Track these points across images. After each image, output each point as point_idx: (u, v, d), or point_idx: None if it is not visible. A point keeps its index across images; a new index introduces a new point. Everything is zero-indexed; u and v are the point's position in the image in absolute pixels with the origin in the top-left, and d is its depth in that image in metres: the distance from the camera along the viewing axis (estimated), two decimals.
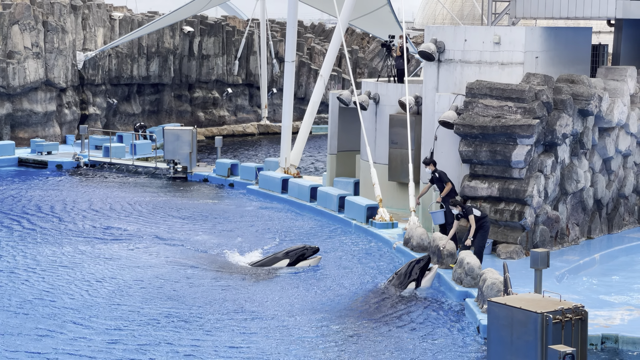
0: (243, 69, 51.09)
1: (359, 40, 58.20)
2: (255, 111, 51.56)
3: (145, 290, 19.69)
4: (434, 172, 22.85)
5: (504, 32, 23.41)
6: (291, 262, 21.73)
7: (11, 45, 39.73)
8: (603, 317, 17.28)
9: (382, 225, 25.30)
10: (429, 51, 24.04)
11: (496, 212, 22.04)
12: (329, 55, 31.76)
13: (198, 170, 34.93)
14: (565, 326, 13.61)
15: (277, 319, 17.97)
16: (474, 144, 22.40)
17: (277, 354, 16.05)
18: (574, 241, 23.30)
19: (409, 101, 26.34)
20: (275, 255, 22.15)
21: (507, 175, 22.11)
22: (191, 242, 24.18)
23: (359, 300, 19.34)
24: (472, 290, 18.93)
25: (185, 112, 48.64)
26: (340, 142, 30.55)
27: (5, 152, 36.97)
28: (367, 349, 16.43)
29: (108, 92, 45.04)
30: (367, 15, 42.36)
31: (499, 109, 22.27)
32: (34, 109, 40.38)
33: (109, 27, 45.29)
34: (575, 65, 24.48)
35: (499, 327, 14.08)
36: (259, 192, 31.33)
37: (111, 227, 25.91)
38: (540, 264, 16.07)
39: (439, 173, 22.79)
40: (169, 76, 47.64)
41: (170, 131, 35.21)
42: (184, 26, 48.08)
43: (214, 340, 16.68)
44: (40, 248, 23.34)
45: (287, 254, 21.96)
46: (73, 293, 19.45)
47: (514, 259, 21.37)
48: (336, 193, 27.96)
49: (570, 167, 23.02)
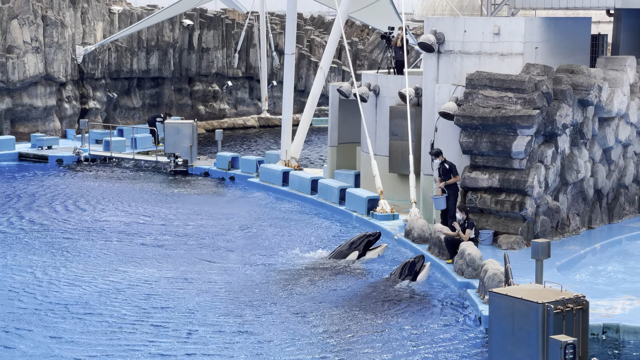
0: (243, 61, 51.05)
1: (359, 32, 58.15)
2: (256, 104, 51.53)
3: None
4: (443, 163, 22.74)
5: (503, 23, 23.40)
6: (361, 253, 21.69)
7: (10, 40, 39.71)
8: (604, 307, 17.31)
9: (383, 217, 25.32)
10: (429, 42, 24.03)
11: (497, 203, 22.05)
12: (328, 48, 31.74)
13: (199, 163, 34.93)
14: (567, 316, 13.64)
15: (281, 309, 18.01)
16: (474, 135, 22.40)
17: (281, 347, 16.10)
18: (575, 231, 23.32)
19: (409, 93, 26.33)
20: (341, 249, 21.99)
21: (508, 166, 22.12)
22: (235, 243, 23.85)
23: (359, 292, 19.37)
24: (474, 281, 18.96)
25: (185, 106, 48.63)
26: (341, 134, 30.55)
27: (5, 147, 36.97)
28: (368, 341, 16.46)
29: (108, 86, 45.02)
30: (367, 7, 42.34)
31: (499, 99, 22.27)
32: (34, 104, 40.36)
33: (109, 20, 45.25)
34: (575, 55, 24.47)
35: (501, 318, 14.11)
36: (259, 185, 31.35)
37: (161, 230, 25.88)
38: (541, 254, 16.09)
39: (448, 164, 22.65)
40: (169, 70, 47.62)
41: (170, 125, 35.21)
42: (184, 19, 48.02)
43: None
44: (61, 251, 23.37)
45: (352, 245, 21.87)
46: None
47: (514, 249, 21.39)
48: (337, 185, 27.98)
49: (570, 157, 23.03)
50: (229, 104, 50.65)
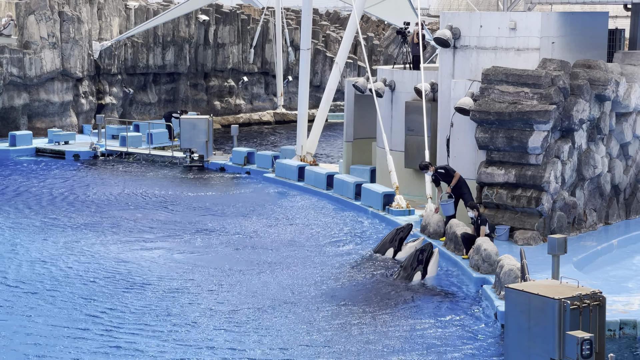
0: (259, 57, 51.07)
1: (375, 28, 58.07)
2: (271, 99, 51.54)
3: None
4: (435, 173, 22.91)
5: (519, 18, 23.32)
6: (396, 249, 21.52)
7: (27, 36, 39.86)
8: (621, 303, 17.24)
9: (399, 213, 25.30)
10: (445, 38, 23.97)
11: (513, 199, 21.99)
12: (344, 43, 31.71)
13: (214, 159, 34.99)
14: (583, 312, 13.59)
15: (289, 303, 18.03)
16: (490, 130, 22.34)
17: (292, 342, 16.12)
18: (592, 227, 23.24)
19: (425, 88, 26.29)
20: (378, 249, 21.82)
21: (524, 161, 22.05)
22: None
23: (374, 287, 19.37)
24: (490, 277, 18.93)
25: (201, 101, 48.69)
26: (357, 130, 30.53)
27: (23, 142, 37.12)
28: (383, 337, 16.45)
29: (124, 81, 45.13)
30: (383, 2, 42.28)
31: (515, 95, 22.19)
32: (51, 99, 40.50)
33: (125, 16, 45.35)
34: (592, 50, 24.37)
35: (517, 314, 14.08)
36: (275, 180, 31.38)
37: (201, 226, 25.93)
38: (558, 249, 16.02)
39: (439, 170, 22.84)
40: (185, 65, 47.69)
41: (186, 120, 35.28)
42: (199, 15, 48.08)
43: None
44: (82, 239, 23.47)
45: (386, 244, 21.67)
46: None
47: (531, 245, 21.34)
48: (352, 180, 27.96)
49: (587, 152, 22.94)
50: (245, 99, 50.68)
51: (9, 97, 39.52)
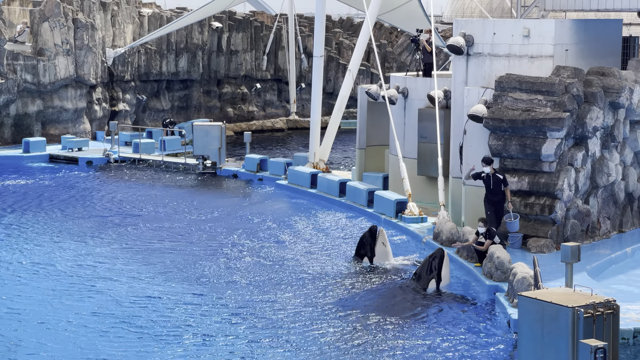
0: (271, 64, 51.15)
1: (388, 35, 58.05)
2: (284, 106, 51.59)
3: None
4: (494, 173, 21.57)
5: (533, 25, 23.26)
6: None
7: (41, 43, 40.02)
8: (635, 311, 17.15)
9: (412, 220, 25.25)
10: (458, 45, 23.93)
11: (526, 206, 21.92)
12: (357, 50, 31.68)
13: (227, 165, 35.02)
14: (597, 320, 13.53)
15: (300, 313, 18.03)
16: (504, 137, 22.29)
17: (303, 349, 16.10)
18: (605, 235, 23.14)
19: (438, 95, 26.26)
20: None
21: (537, 169, 21.98)
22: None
23: (389, 297, 19.33)
24: (503, 285, 18.86)
25: (214, 108, 48.78)
26: (369, 137, 30.52)
27: (36, 148, 37.26)
28: (394, 345, 16.42)
29: (137, 88, 45.26)
30: (396, 10, 42.19)
31: (528, 102, 22.14)
32: (65, 106, 40.64)
33: (138, 23, 45.49)
34: (606, 57, 24.29)
35: (530, 322, 14.03)
36: (288, 187, 31.37)
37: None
38: (571, 257, 15.95)
39: (498, 175, 21.55)
40: (198, 72, 47.80)
41: (199, 127, 35.33)
42: (213, 22, 48.20)
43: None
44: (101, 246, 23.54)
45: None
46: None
47: (544, 253, 21.25)
48: (365, 188, 27.94)
49: (601, 160, 22.86)
50: (258, 106, 50.74)
51: (23, 104, 39.68)
